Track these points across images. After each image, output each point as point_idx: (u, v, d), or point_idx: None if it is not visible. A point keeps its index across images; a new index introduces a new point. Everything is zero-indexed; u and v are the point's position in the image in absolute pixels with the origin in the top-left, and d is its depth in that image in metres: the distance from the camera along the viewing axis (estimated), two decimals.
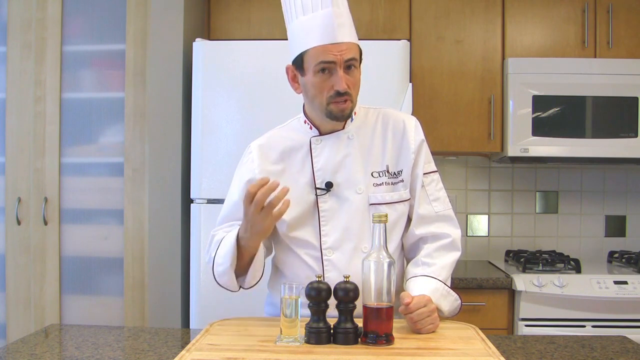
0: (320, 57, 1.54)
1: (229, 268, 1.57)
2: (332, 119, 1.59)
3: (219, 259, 1.59)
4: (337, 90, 1.54)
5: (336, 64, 1.53)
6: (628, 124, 2.83)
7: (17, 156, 2.85)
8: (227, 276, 1.59)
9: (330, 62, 1.53)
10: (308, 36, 1.56)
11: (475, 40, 2.96)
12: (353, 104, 1.59)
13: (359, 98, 1.69)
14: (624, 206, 3.27)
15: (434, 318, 1.50)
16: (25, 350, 1.49)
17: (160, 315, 2.67)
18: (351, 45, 1.56)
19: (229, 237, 1.58)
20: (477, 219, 3.30)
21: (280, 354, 1.33)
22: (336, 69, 1.54)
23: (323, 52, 1.53)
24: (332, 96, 1.55)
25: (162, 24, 2.70)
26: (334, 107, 1.57)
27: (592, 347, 1.53)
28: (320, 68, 1.54)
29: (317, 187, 1.63)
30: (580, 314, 2.57)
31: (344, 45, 1.54)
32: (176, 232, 2.67)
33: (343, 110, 1.57)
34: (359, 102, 1.69)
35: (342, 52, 1.54)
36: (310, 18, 1.56)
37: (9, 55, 2.85)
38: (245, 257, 1.58)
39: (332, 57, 1.53)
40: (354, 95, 1.59)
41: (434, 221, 1.67)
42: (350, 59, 1.55)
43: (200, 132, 2.58)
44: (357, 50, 1.58)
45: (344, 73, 1.55)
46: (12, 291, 2.84)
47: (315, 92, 1.58)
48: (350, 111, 1.59)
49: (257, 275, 1.62)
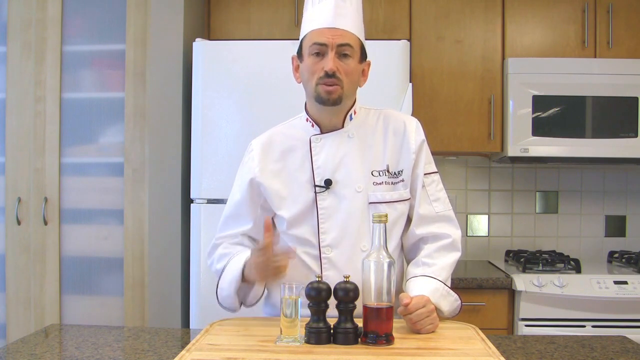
0: (314, 39, 1.57)
1: (233, 294, 1.63)
2: (319, 102, 1.59)
3: (224, 284, 1.65)
4: (325, 71, 1.55)
5: (328, 46, 1.55)
6: (628, 124, 2.83)
7: (17, 156, 2.85)
8: (230, 300, 1.66)
9: (322, 44, 1.56)
10: (309, 24, 1.61)
11: (475, 40, 2.96)
12: (343, 91, 1.58)
13: (360, 98, 1.69)
14: (624, 206, 3.27)
15: (434, 318, 1.51)
16: (25, 350, 1.49)
17: (160, 315, 2.67)
18: (348, 34, 1.57)
19: (235, 265, 1.62)
20: (477, 219, 3.30)
21: (280, 354, 1.33)
22: (328, 52, 1.55)
23: (318, 34, 1.57)
24: (321, 77, 1.56)
25: (162, 24, 2.70)
26: (321, 89, 1.57)
27: (592, 347, 1.53)
28: (314, 51, 1.57)
29: (316, 185, 1.63)
30: (580, 314, 2.57)
31: (339, 30, 1.56)
32: (176, 232, 2.67)
33: (330, 93, 1.57)
34: (360, 103, 1.70)
35: (337, 36, 1.55)
36: (316, 9, 1.60)
37: (9, 55, 2.85)
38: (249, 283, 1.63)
39: (324, 40, 1.55)
40: (346, 83, 1.57)
41: (434, 221, 1.67)
42: (343, 44, 1.56)
43: (200, 132, 2.58)
44: (356, 41, 1.59)
45: (336, 57, 1.56)
46: (12, 291, 2.84)
47: (308, 76, 1.60)
48: (338, 97, 1.57)
49: (258, 295, 1.67)
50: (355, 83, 1.63)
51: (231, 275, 1.62)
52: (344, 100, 1.60)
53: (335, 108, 1.61)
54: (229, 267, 1.64)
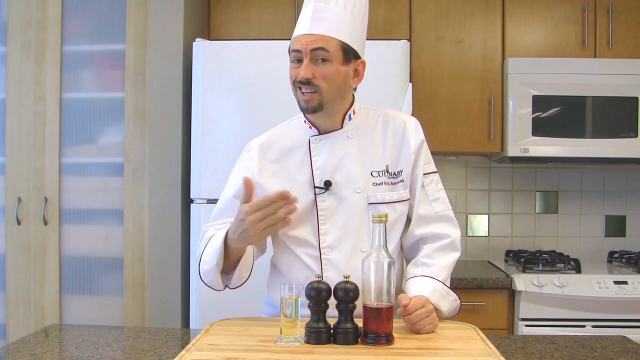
0: (292, 46, 1.58)
1: (215, 267, 1.56)
2: (301, 110, 1.61)
3: (206, 257, 1.58)
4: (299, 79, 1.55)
5: (302, 52, 1.55)
6: (628, 124, 2.83)
7: (17, 156, 2.85)
8: (212, 275, 1.58)
9: (297, 51, 1.56)
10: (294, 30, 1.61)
11: (475, 40, 2.96)
12: (322, 97, 1.56)
13: (359, 98, 1.69)
14: (624, 206, 3.27)
15: (433, 318, 1.50)
16: (25, 350, 1.49)
17: (160, 315, 2.67)
18: (325, 38, 1.54)
19: (217, 236, 1.56)
20: (477, 219, 3.30)
21: (280, 354, 1.33)
22: (303, 59, 1.55)
23: (294, 41, 1.58)
24: (297, 86, 1.57)
25: (162, 24, 2.70)
26: (300, 97, 1.58)
27: (592, 347, 1.53)
28: (294, 58, 1.58)
29: (316, 186, 1.63)
30: (580, 314, 2.57)
31: (314, 36, 1.54)
32: (176, 232, 2.67)
33: (307, 102, 1.56)
34: (359, 102, 1.69)
35: (310, 42, 1.54)
36: (301, 15, 1.60)
37: (9, 55, 2.85)
38: (232, 257, 1.56)
39: (298, 46, 1.56)
40: (325, 88, 1.55)
41: (433, 221, 1.66)
42: (317, 48, 1.54)
43: (200, 132, 2.58)
44: (335, 45, 1.55)
45: (312, 63, 1.54)
46: (12, 291, 2.84)
47: (291, 83, 1.60)
48: (318, 103, 1.56)
49: (244, 276, 1.61)
50: (340, 85, 1.58)
51: (213, 248, 1.56)
52: (327, 105, 1.58)
53: (325, 112, 1.59)
54: (211, 241, 1.58)
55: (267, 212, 1.43)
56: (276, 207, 1.43)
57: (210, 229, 1.66)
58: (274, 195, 1.43)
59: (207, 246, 1.59)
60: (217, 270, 1.56)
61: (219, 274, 1.57)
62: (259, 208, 1.43)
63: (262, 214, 1.43)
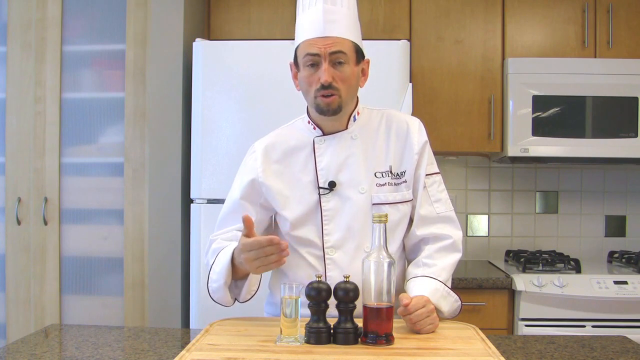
0: (306, 49, 1.57)
1: (223, 285, 1.58)
2: (320, 113, 1.60)
3: (214, 275, 1.60)
4: (321, 83, 1.55)
5: (321, 56, 1.55)
6: (628, 124, 2.83)
7: (17, 156, 2.84)
8: (220, 293, 1.60)
9: (314, 55, 1.55)
10: (301, 32, 1.60)
11: (475, 40, 2.96)
12: (342, 99, 1.58)
13: (360, 98, 1.69)
14: (624, 206, 3.27)
15: (433, 318, 1.51)
16: (25, 350, 1.49)
17: (160, 315, 2.67)
18: (340, 40, 1.56)
19: (225, 254, 1.58)
20: (477, 219, 3.30)
21: (280, 354, 1.33)
22: (322, 62, 1.55)
23: (309, 45, 1.56)
24: (318, 89, 1.56)
25: (162, 24, 2.70)
26: (320, 101, 1.58)
27: (592, 347, 1.53)
28: (308, 62, 1.57)
29: (320, 187, 1.63)
30: (580, 314, 2.57)
31: (331, 39, 1.55)
32: (176, 232, 2.67)
33: (328, 104, 1.57)
34: (362, 103, 1.70)
35: (328, 45, 1.55)
36: (306, 15, 1.59)
37: (9, 55, 2.85)
38: (240, 272, 1.58)
39: (316, 50, 1.55)
40: (343, 90, 1.57)
41: (435, 222, 1.67)
42: (336, 52, 1.55)
43: (200, 132, 2.58)
44: (349, 47, 1.58)
45: (330, 66, 1.55)
46: (12, 291, 2.84)
47: (306, 87, 1.60)
48: (337, 106, 1.58)
49: (252, 290, 1.64)
50: (354, 87, 1.62)
51: (220, 266, 1.57)
52: (345, 107, 1.60)
53: (341, 113, 1.61)
54: (218, 259, 1.60)
55: (259, 254, 1.43)
56: (267, 251, 1.43)
57: (217, 239, 1.67)
58: (264, 241, 1.42)
59: (215, 263, 1.61)
60: (225, 288, 1.59)
61: (227, 291, 1.60)
62: (252, 249, 1.44)
63: (255, 255, 1.44)
